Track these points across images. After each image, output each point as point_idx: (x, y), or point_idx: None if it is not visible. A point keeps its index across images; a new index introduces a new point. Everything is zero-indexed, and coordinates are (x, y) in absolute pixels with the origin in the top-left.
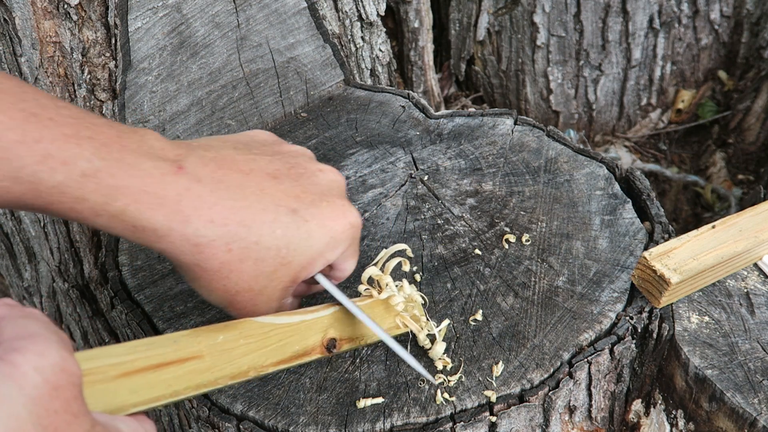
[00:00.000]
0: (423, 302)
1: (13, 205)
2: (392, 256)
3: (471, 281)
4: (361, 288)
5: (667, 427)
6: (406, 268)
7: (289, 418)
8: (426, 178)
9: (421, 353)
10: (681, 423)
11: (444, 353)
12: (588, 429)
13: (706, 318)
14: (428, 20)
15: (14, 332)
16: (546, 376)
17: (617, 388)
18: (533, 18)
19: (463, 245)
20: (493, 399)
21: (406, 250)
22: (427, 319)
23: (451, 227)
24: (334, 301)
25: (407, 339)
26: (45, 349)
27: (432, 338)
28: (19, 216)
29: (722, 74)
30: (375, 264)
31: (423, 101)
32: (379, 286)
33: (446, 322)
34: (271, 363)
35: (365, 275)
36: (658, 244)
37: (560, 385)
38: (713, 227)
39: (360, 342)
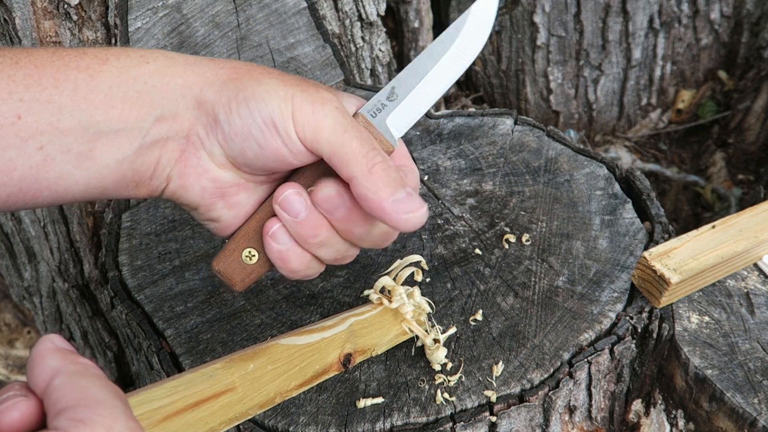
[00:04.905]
0: (431, 310)
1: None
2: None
3: (471, 281)
4: (374, 296)
5: (667, 427)
6: (419, 278)
7: (289, 418)
8: (426, 178)
9: (420, 355)
10: (681, 423)
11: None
12: (588, 429)
13: (706, 318)
14: (428, 20)
15: (75, 397)
16: (546, 376)
17: (617, 388)
18: (533, 18)
19: (463, 245)
20: (493, 399)
21: (421, 261)
22: (433, 325)
23: (451, 227)
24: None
25: (411, 342)
26: (113, 423)
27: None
28: (19, 216)
29: (722, 74)
30: (388, 273)
31: None
32: (390, 295)
33: (453, 329)
34: (295, 386)
35: (378, 284)
36: (658, 244)
37: (560, 385)
38: (713, 227)
39: (371, 353)
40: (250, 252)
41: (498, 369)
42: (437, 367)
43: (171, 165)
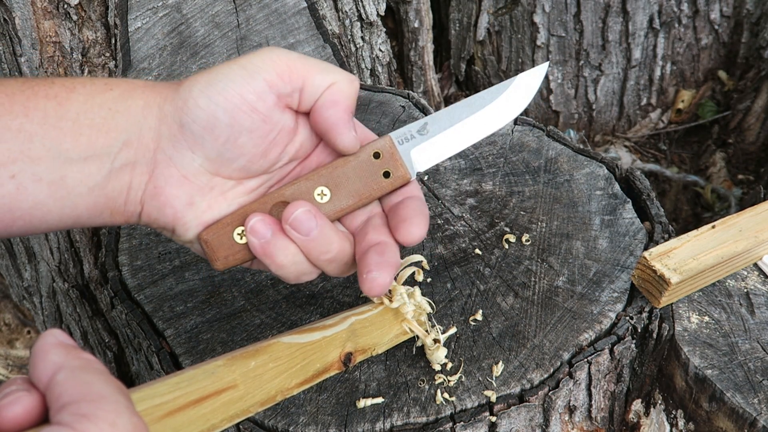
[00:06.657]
0: (431, 310)
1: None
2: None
3: (471, 281)
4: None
5: (667, 427)
6: (420, 278)
7: (289, 418)
8: (426, 178)
9: (420, 355)
10: (681, 423)
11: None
12: (588, 429)
13: (706, 318)
14: (428, 20)
15: (78, 392)
16: (546, 376)
17: (617, 388)
18: (533, 18)
19: (463, 245)
20: (493, 399)
21: (422, 261)
22: (433, 325)
23: (451, 227)
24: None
25: (411, 341)
26: (116, 418)
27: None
28: None
29: (722, 74)
30: None
31: (423, 101)
32: (391, 294)
33: (453, 330)
34: (296, 384)
35: None
36: (658, 244)
37: (560, 385)
38: (713, 227)
39: (372, 352)
40: (242, 231)
41: (498, 369)
42: (437, 367)
43: (142, 188)
